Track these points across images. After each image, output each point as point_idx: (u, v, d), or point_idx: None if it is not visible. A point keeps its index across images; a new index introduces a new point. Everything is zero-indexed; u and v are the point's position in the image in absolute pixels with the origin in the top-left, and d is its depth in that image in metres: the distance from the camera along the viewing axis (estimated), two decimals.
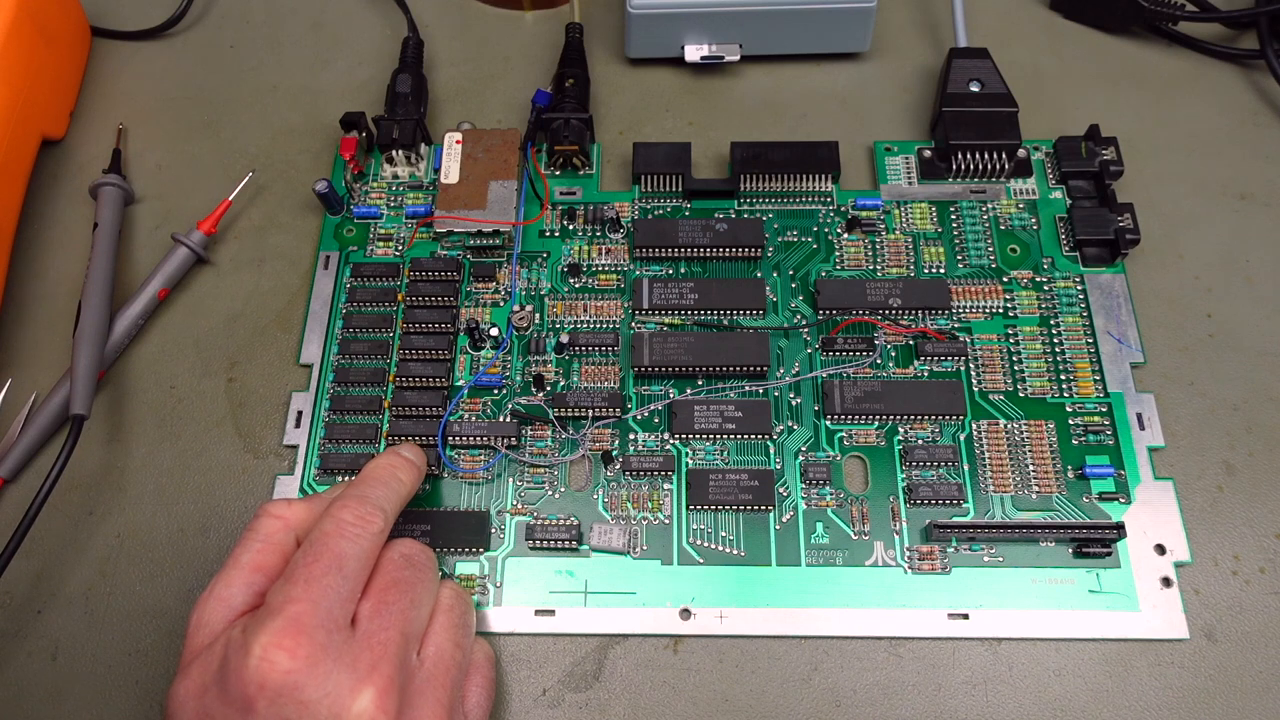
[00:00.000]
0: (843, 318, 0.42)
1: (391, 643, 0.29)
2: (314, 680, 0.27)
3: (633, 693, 0.36)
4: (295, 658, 0.27)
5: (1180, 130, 0.47)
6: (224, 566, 0.31)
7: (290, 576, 0.29)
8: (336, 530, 0.31)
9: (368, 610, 0.30)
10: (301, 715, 0.27)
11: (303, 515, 0.33)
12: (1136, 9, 0.48)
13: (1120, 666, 0.36)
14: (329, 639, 0.28)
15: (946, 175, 0.45)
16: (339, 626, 0.29)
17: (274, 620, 0.28)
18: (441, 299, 0.42)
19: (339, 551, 0.30)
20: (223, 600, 0.31)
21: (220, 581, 0.31)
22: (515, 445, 0.39)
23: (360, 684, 0.28)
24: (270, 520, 0.32)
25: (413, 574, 0.32)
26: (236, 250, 0.45)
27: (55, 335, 0.43)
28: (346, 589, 0.30)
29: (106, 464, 0.40)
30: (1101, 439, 0.39)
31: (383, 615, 0.30)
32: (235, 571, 0.31)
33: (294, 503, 0.33)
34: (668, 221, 0.43)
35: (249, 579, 0.31)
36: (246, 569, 0.31)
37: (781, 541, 0.38)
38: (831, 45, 0.49)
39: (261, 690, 0.27)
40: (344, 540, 0.31)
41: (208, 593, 0.31)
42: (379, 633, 0.30)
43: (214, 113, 0.49)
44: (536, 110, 0.46)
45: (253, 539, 0.32)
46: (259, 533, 0.32)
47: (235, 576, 0.31)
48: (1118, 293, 0.42)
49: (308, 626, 0.28)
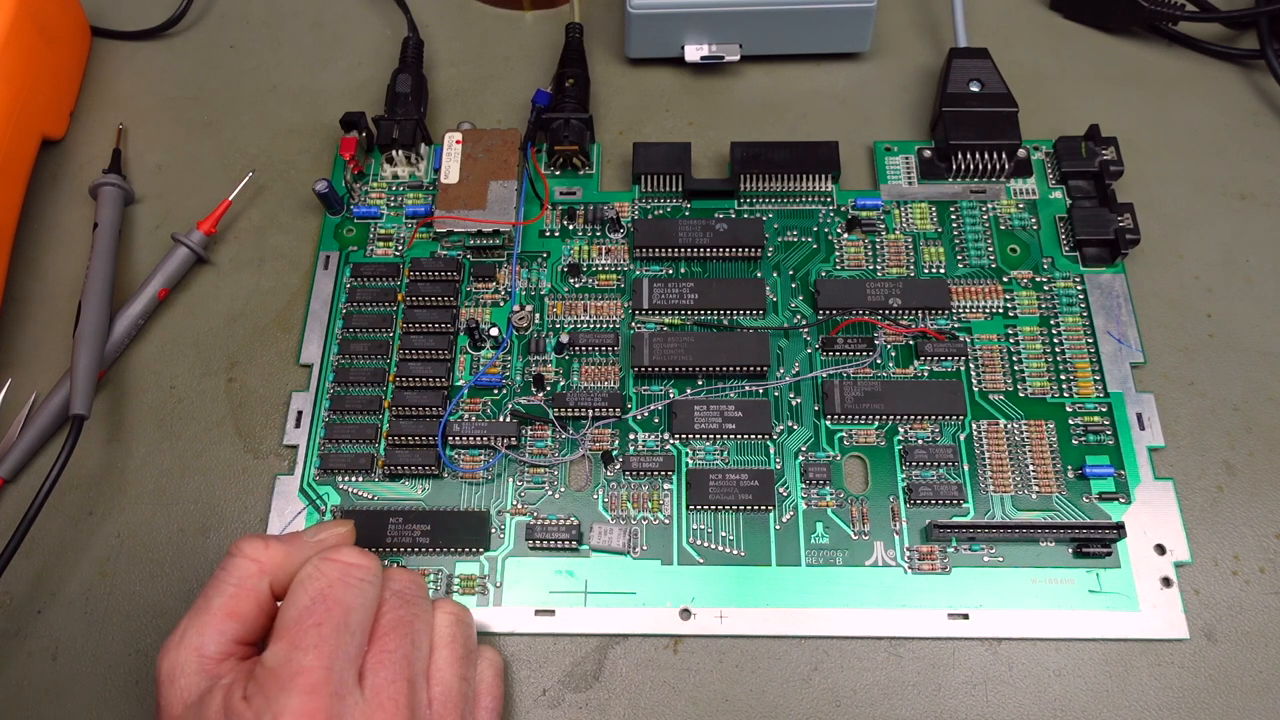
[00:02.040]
0: (843, 318, 0.42)
1: (401, 695, 0.29)
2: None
3: (633, 693, 0.36)
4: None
5: (1180, 130, 0.47)
6: (194, 609, 0.30)
7: (298, 640, 0.28)
8: (341, 579, 0.29)
9: (372, 662, 0.29)
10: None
11: (279, 559, 0.31)
12: (1136, 9, 0.48)
13: (1120, 666, 0.36)
14: (343, 706, 0.27)
15: (946, 175, 0.45)
16: (350, 689, 0.28)
17: (287, 696, 0.27)
18: (441, 299, 0.42)
19: (346, 604, 0.29)
20: (194, 649, 0.29)
21: (191, 628, 0.29)
22: (515, 445, 0.39)
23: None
24: (245, 563, 0.30)
25: (408, 611, 0.31)
26: (236, 250, 0.45)
27: (55, 335, 0.43)
28: (354, 646, 0.29)
29: (106, 464, 0.40)
30: (1101, 439, 0.39)
31: (388, 666, 0.29)
32: (207, 617, 0.29)
33: (270, 543, 0.31)
34: (668, 221, 0.43)
35: (221, 626, 0.29)
36: (219, 615, 0.30)
37: (781, 541, 0.38)
38: (831, 45, 0.49)
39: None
40: (349, 592, 0.29)
41: (177, 637, 0.29)
42: (387, 686, 0.29)
43: (214, 113, 0.49)
44: (536, 110, 0.46)
45: (225, 581, 0.30)
46: (232, 575, 0.30)
47: (207, 623, 0.29)
48: (1118, 293, 0.42)
49: (322, 698, 0.27)
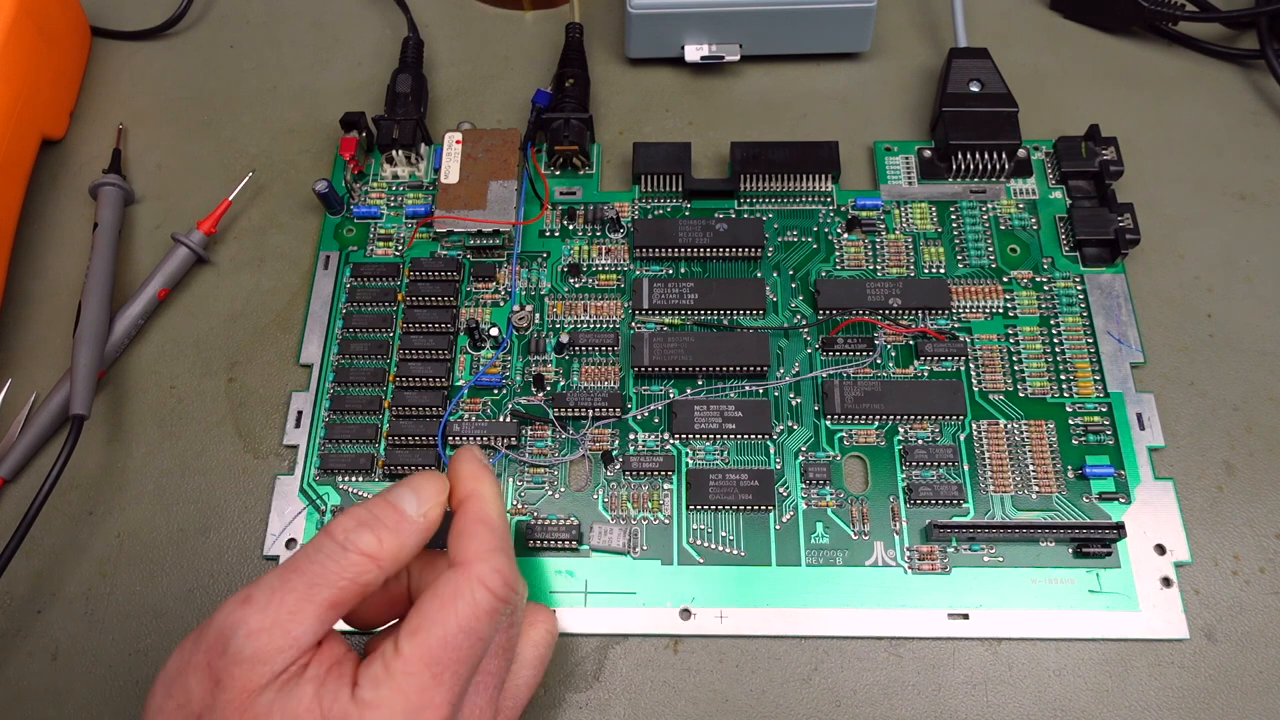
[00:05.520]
0: (843, 318, 0.42)
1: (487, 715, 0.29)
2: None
3: (633, 693, 0.36)
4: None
5: (1180, 130, 0.47)
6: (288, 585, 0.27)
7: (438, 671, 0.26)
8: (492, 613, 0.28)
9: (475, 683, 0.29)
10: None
11: (396, 555, 0.28)
12: (1136, 9, 0.48)
13: (1120, 666, 0.36)
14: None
15: (946, 175, 0.45)
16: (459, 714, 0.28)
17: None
18: (441, 299, 0.42)
19: (487, 639, 0.28)
20: (290, 637, 0.26)
21: (283, 603, 0.26)
22: (515, 445, 0.39)
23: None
24: (362, 561, 0.28)
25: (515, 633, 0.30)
26: (236, 250, 0.45)
27: (55, 335, 0.43)
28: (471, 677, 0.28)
29: (106, 464, 0.40)
30: (1101, 439, 0.39)
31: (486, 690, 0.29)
32: (310, 607, 0.27)
33: (383, 539, 0.28)
34: (668, 221, 0.43)
35: (323, 616, 0.27)
36: (323, 606, 0.27)
37: (781, 541, 0.38)
38: (831, 45, 0.49)
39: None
40: (493, 623, 0.28)
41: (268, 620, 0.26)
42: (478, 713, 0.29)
43: (214, 113, 0.49)
44: (536, 110, 0.46)
45: (337, 576, 0.27)
46: (346, 572, 0.27)
47: (309, 612, 0.27)
48: (1118, 293, 0.42)
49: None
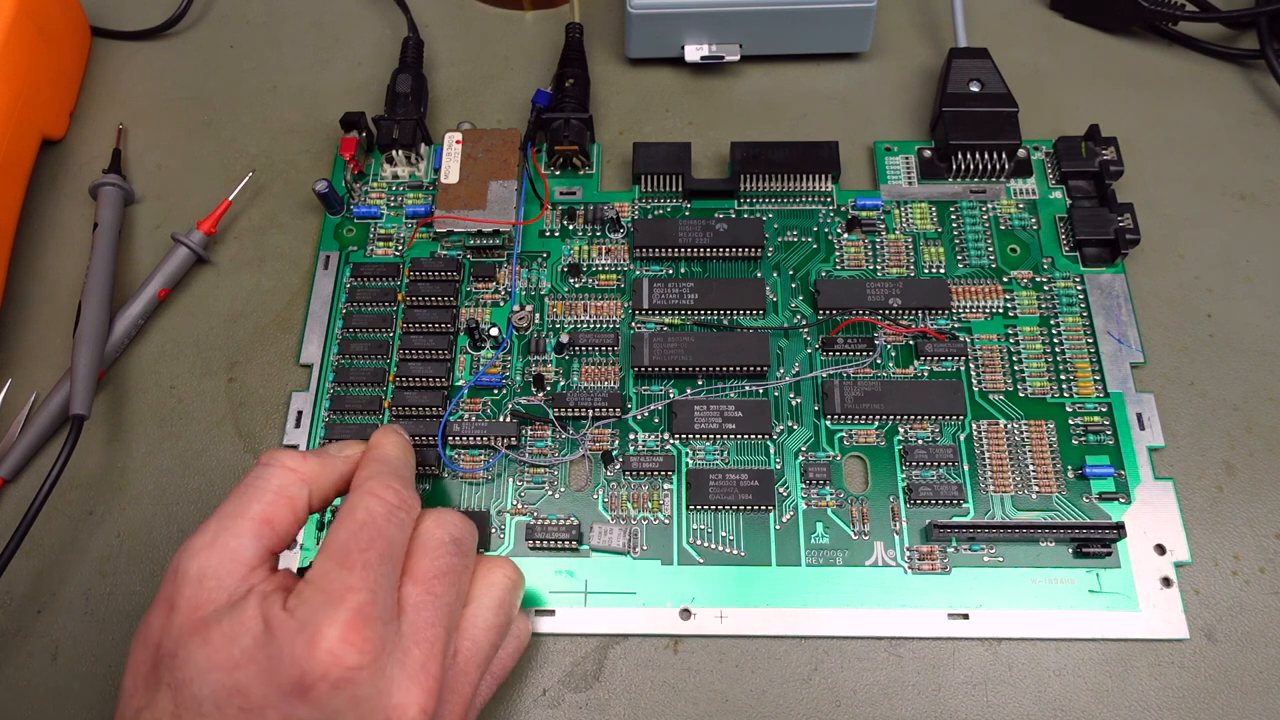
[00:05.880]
0: (843, 318, 0.42)
1: (438, 640, 0.29)
2: (372, 677, 0.27)
3: (633, 693, 0.36)
4: (363, 654, 0.27)
5: (1180, 130, 0.47)
6: (225, 513, 0.29)
7: (345, 560, 0.28)
8: (386, 514, 0.30)
9: (414, 599, 0.29)
10: (350, 709, 0.27)
11: (316, 471, 0.31)
12: (1136, 9, 0.48)
13: (1120, 666, 0.36)
14: (385, 632, 0.28)
15: (946, 175, 0.45)
16: (392, 618, 0.28)
17: (339, 610, 0.27)
18: (441, 299, 0.42)
19: (390, 538, 0.29)
20: (229, 552, 0.29)
21: (225, 531, 0.29)
22: (515, 445, 0.39)
23: (410, 683, 0.28)
24: (284, 472, 0.31)
25: (461, 561, 0.31)
26: (236, 250, 0.45)
27: (55, 335, 0.43)
28: (395, 576, 0.29)
29: (106, 464, 0.40)
30: (1101, 439, 0.39)
31: (431, 609, 0.29)
32: (244, 523, 0.29)
33: (306, 457, 0.31)
34: (668, 221, 0.43)
35: (258, 532, 0.29)
36: (256, 520, 0.29)
37: (781, 541, 0.38)
38: (831, 45, 0.49)
39: (322, 680, 0.26)
40: (391, 526, 0.30)
41: (208, 538, 0.29)
42: (426, 629, 0.29)
43: (214, 113, 0.49)
44: (536, 110, 0.46)
45: (263, 489, 0.30)
46: (270, 484, 0.30)
47: (244, 528, 0.29)
48: (1118, 293, 0.42)
49: (371, 620, 0.27)
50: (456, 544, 0.31)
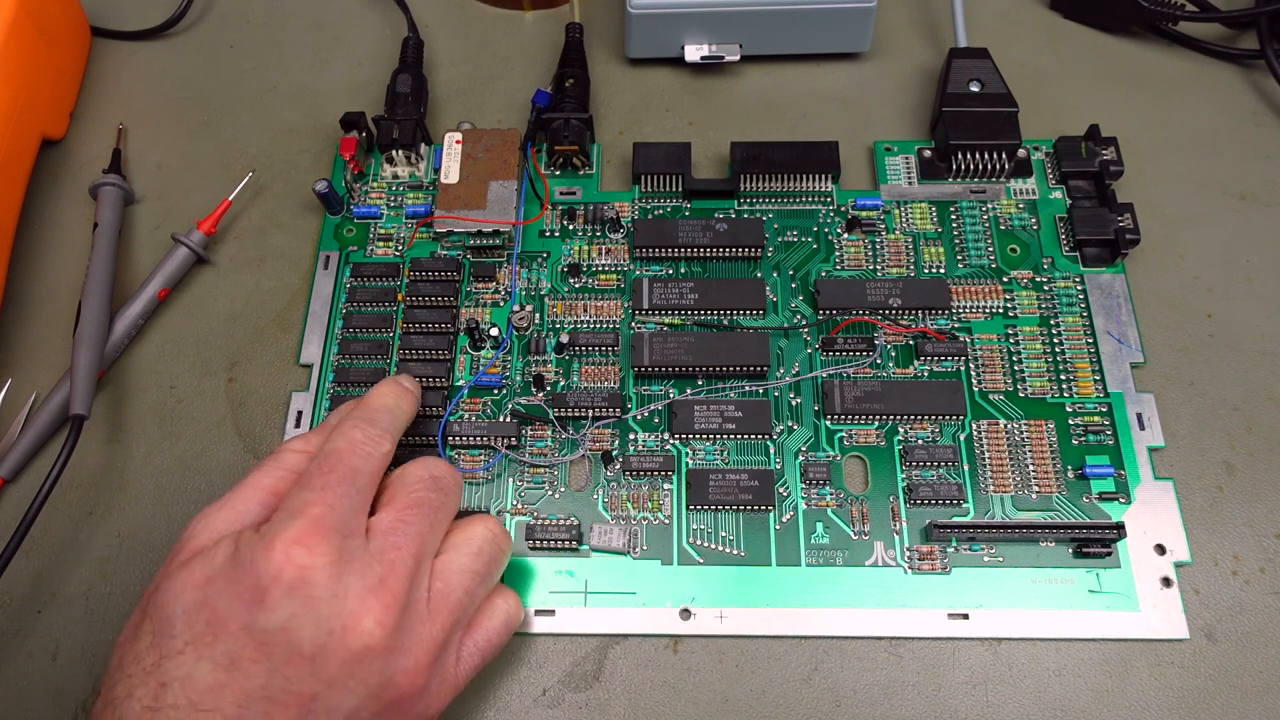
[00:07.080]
0: (843, 318, 0.42)
1: (402, 562, 0.30)
2: (327, 580, 0.28)
3: (633, 693, 0.36)
4: (314, 555, 0.28)
5: (1180, 130, 0.47)
6: (240, 486, 0.32)
7: (306, 484, 0.30)
8: (349, 448, 0.31)
9: (385, 525, 0.30)
10: (307, 611, 0.28)
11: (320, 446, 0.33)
12: (1136, 9, 0.48)
13: (1120, 666, 0.36)
14: (345, 544, 0.29)
15: (946, 175, 0.45)
16: (354, 533, 0.29)
17: (295, 520, 0.29)
18: (441, 299, 0.42)
19: (352, 466, 0.31)
20: (236, 512, 0.31)
21: (236, 496, 0.31)
22: (515, 445, 0.39)
23: (368, 594, 0.29)
24: (294, 455, 0.33)
25: (438, 497, 0.32)
26: (236, 250, 0.45)
27: (55, 335, 0.43)
28: (359, 500, 0.30)
29: (106, 464, 0.40)
30: (1101, 439, 0.39)
31: (399, 533, 0.30)
32: (253, 491, 0.32)
33: (311, 436, 0.34)
34: (668, 221, 0.43)
35: (265, 499, 0.31)
36: (265, 490, 0.32)
37: (781, 541, 0.38)
38: (831, 45, 0.49)
39: (277, 581, 0.27)
40: (355, 457, 0.31)
41: (219, 504, 0.31)
42: (392, 550, 0.30)
43: (214, 113, 0.49)
44: (536, 110, 0.46)
45: (275, 467, 0.32)
46: (282, 462, 0.33)
47: (252, 495, 0.31)
48: (1118, 293, 0.42)
49: (327, 528, 0.29)
50: (435, 480, 0.33)
